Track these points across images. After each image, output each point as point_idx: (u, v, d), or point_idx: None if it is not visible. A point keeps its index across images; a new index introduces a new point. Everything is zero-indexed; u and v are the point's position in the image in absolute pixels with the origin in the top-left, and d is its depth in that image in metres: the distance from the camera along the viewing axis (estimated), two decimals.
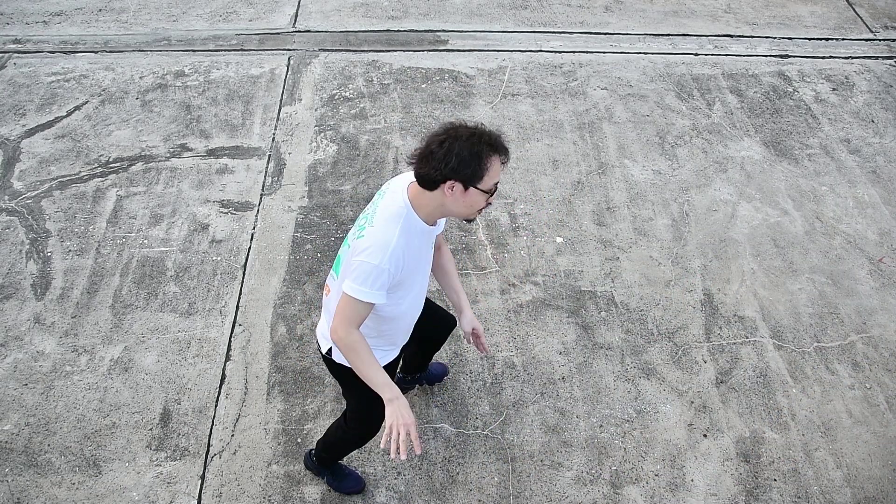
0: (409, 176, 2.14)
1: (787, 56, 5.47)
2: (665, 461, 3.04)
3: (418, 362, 3.02)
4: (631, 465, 3.02)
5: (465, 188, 1.99)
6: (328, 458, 2.78)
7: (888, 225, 4.13)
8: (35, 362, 3.32)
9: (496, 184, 2.04)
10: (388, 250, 2.00)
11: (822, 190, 4.34)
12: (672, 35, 5.65)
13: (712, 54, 5.46)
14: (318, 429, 3.09)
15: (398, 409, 2.02)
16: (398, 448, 1.99)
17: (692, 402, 3.25)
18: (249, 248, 3.87)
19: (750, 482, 2.98)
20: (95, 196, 4.15)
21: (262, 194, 4.19)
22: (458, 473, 2.97)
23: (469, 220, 2.13)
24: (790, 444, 3.11)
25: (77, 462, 2.97)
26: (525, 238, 3.97)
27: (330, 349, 2.34)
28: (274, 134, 4.60)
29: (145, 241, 3.89)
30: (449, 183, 1.98)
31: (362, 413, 2.48)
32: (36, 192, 4.16)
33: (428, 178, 2.00)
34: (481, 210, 2.09)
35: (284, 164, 4.38)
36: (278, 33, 5.52)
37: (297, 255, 3.84)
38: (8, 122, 4.65)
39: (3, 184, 4.21)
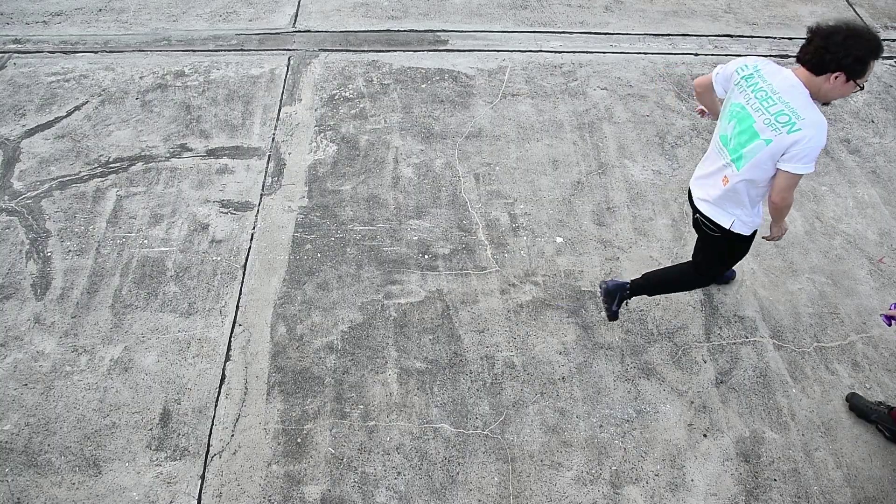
0: (771, 65, 2.57)
1: (788, 56, 5.46)
2: (665, 461, 3.04)
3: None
4: (631, 465, 3.02)
5: (847, 80, 2.41)
6: (657, 293, 3.34)
7: (888, 225, 4.13)
8: (35, 362, 3.32)
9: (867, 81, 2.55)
10: (825, 129, 2.46)
11: (822, 190, 4.34)
12: (672, 35, 5.65)
13: (712, 54, 5.45)
14: (318, 429, 3.09)
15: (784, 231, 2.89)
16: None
17: (692, 402, 3.25)
18: (249, 248, 3.88)
19: (750, 482, 2.98)
20: (95, 196, 4.15)
21: (262, 194, 4.19)
22: (458, 473, 2.97)
23: (826, 104, 2.55)
24: (790, 444, 3.11)
25: (77, 462, 2.97)
26: (525, 238, 3.97)
27: (733, 222, 2.82)
28: (274, 134, 4.60)
29: (145, 241, 3.89)
30: (836, 73, 2.40)
31: (715, 270, 3.09)
32: (36, 192, 4.16)
33: (820, 66, 2.41)
34: None
35: (284, 164, 4.38)
36: (278, 33, 5.52)
37: (297, 255, 3.84)
38: (8, 122, 4.65)
39: (3, 184, 4.21)
